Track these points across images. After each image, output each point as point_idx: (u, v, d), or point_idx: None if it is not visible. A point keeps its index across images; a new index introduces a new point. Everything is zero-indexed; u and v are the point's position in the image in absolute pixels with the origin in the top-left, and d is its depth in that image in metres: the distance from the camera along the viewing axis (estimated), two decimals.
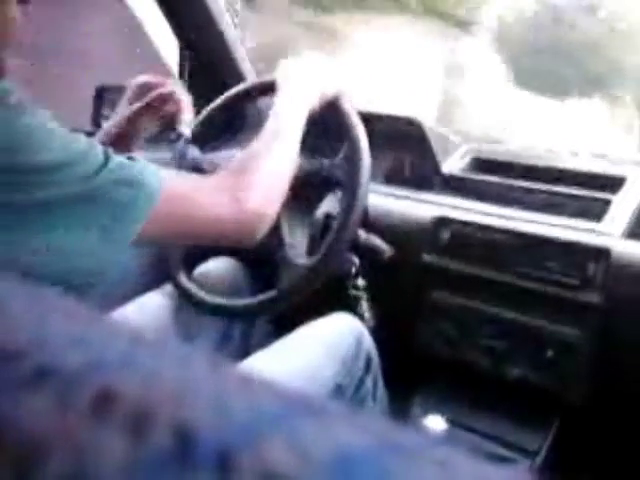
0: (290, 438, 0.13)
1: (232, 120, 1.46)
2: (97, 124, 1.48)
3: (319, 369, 1.00)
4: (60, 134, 0.66)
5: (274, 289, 1.03)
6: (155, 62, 1.73)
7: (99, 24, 2.31)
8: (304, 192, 1.07)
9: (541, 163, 1.33)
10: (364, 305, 1.17)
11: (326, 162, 1.03)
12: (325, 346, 1.03)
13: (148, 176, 0.71)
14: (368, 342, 1.09)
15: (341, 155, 1.01)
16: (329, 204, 1.16)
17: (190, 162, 1.16)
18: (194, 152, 1.18)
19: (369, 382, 1.08)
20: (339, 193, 1.05)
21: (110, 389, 0.14)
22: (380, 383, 1.11)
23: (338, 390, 1.01)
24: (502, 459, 1.16)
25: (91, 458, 0.12)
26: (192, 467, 0.12)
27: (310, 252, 1.07)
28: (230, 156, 1.15)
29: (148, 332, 0.17)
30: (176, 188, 0.75)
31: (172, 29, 1.52)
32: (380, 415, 1.11)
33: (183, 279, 1.12)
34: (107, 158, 0.68)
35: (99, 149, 0.69)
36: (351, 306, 1.15)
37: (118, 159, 0.69)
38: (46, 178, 0.62)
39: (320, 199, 1.13)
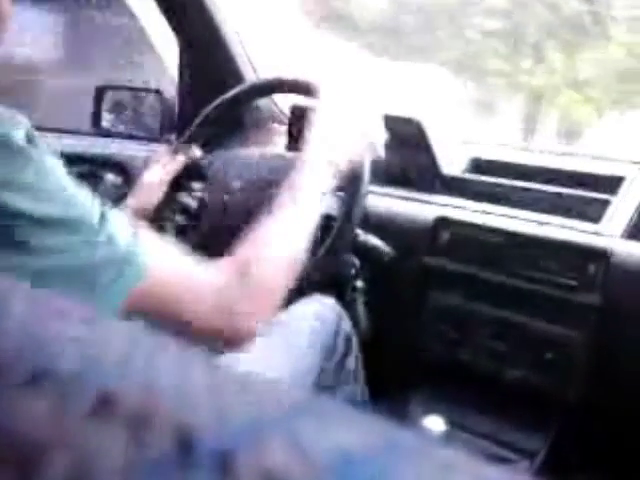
0: (290, 439, 0.13)
1: (231, 121, 1.46)
2: (97, 124, 1.48)
3: (301, 352, 1.01)
4: (66, 188, 0.63)
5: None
6: (155, 63, 1.73)
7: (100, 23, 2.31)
8: None
9: (540, 164, 1.33)
10: (360, 307, 1.17)
11: None
12: (306, 329, 1.04)
13: (138, 256, 0.66)
14: (346, 323, 1.10)
15: None
16: (329, 205, 1.15)
17: (190, 160, 1.16)
18: (195, 152, 1.18)
19: (351, 362, 1.08)
20: (338, 194, 1.05)
21: (109, 391, 0.14)
22: (360, 364, 1.12)
23: (321, 372, 1.01)
24: (501, 460, 1.16)
25: (90, 461, 0.12)
26: (192, 469, 0.12)
27: (309, 254, 1.06)
28: (229, 157, 1.15)
29: (147, 333, 0.17)
30: (166, 274, 0.68)
31: (172, 29, 1.52)
32: (362, 396, 1.12)
33: None
34: (100, 226, 0.64)
35: (95, 214, 0.65)
36: (348, 308, 1.15)
37: (110, 231, 0.65)
38: (45, 237, 0.60)
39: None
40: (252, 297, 0.72)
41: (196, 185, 1.24)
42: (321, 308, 1.09)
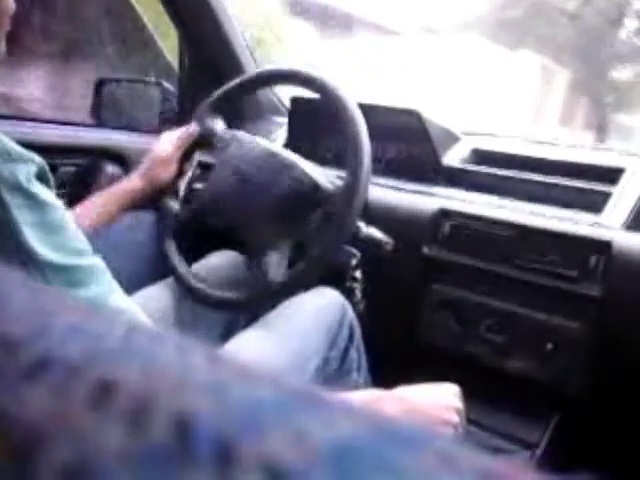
0: (291, 429, 0.13)
1: (231, 111, 1.45)
2: (97, 115, 1.48)
3: (305, 343, 1.01)
4: (70, 234, 0.65)
5: (270, 283, 1.03)
6: (155, 55, 1.73)
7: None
8: (298, 202, 1.07)
9: (541, 155, 1.33)
10: (358, 296, 1.17)
11: (324, 187, 1.03)
12: (309, 320, 1.04)
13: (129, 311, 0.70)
14: (350, 314, 1.10)
15: (341, 185, 1.01)
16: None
17: (207, 130, 1.16)
18: (215, 122, 1.18)
19: (354, 352, 1.08)
20: (339, 185, 1.05)
21: (109, 379, 0.14)
22: (363, 354, 1.12)
23: (325, 362, 1.02)
24: (502, 451, 1.16)
25: (90, 448, 0.12)
26: (192, 457, 0.12)
27: (299, 256, 1.07)
28: (242, 139, 1.15)
29: (149, 324, 0.17)
30: None
31: (171, 20, 1.51)
32: (365, 385, 1.11)
33: (183, 271, 1.12)
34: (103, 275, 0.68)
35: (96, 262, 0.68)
36: (347, 297, 1.15)
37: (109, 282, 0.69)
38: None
39: (313, 210, 1.13)
40: None
41: (204, 157, 1.25)
42: (325, 299, 1.09)
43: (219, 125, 1.18)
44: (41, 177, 0.64)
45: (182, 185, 1.17)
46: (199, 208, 1.12)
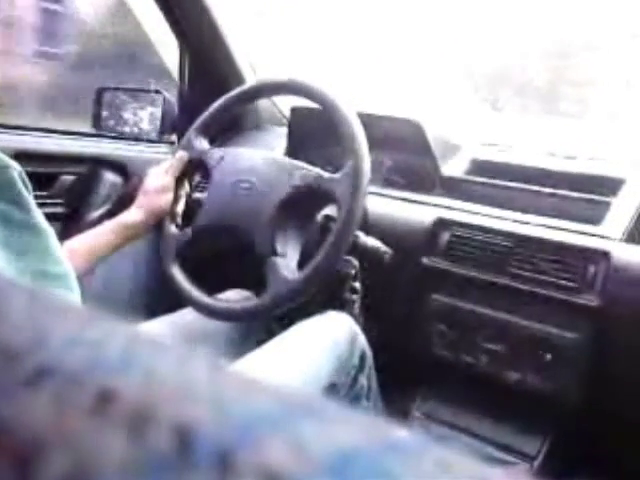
0: (289, 438, 0.13)
1: (231, 121, 1.46)
2: (97, 125, 1.49)
3: (313, 368, 1.00)
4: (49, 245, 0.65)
5: (259, 297, 1.03)
6: (155, 63, 1.74)
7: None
8: (302, 203, 1.06)
9: (541, 166, 1.33)
10: (357, 308, 1.17)
11: (326, 176, 1.03)
12: (319, 345, 1.03)
13: None
14: (362, 340, 1.09)
15: (342, 171, 1.01)
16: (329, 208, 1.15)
17: (196, 153, 1.16)
18: (203, 143, 1.17)
19: (363, 380, 1.08)
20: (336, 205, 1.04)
21: (109, 389, 0.14)
22: (374, 381, 1.11)
23: (332, 388, 1.01)
24: (500, 462, 1.16)
25: (90, 458, 0.12)
26: (191, 467, 0.12)
27: (302, 263, 1.06)
28: (231, 154, 1.15)
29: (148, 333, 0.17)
30: None
31: (172, 29, 1.52)
32: (376, 413, 1.11)
33: (180, 278, 1.11)
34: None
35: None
36: (345, 308, 1.15)
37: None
38: None
39: (317, 211, 1.13)
40: None
41: (198, 179, 1.25)
42: (336, 323, 1.08)
43: (207, 147, 1.18)
44: (24, 183, 0.62)
45: (179, 210, 1.17)
46: (201, 227, 1.12)
